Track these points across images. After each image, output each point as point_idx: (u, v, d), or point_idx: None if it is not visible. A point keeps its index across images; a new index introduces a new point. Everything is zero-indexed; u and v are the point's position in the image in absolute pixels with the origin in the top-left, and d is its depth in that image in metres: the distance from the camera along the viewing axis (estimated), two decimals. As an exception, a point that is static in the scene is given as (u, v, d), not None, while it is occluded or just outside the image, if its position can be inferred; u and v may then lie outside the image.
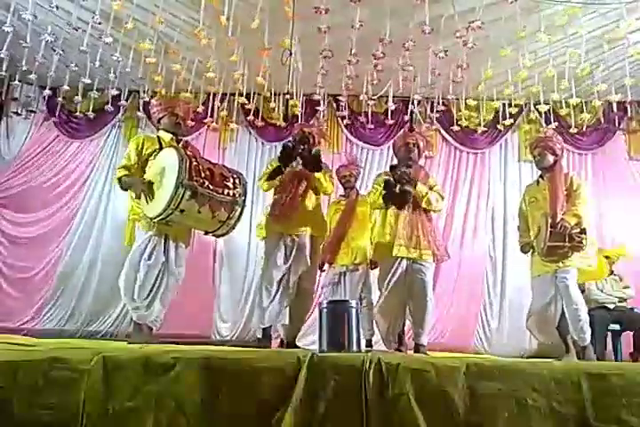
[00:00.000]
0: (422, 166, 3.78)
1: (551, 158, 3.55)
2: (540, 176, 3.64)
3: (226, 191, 3.00)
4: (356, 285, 4.20)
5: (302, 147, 3.45)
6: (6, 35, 4.32)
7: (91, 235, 5.91)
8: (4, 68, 4.68)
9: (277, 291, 3.38)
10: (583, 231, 3.29)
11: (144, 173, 3.20)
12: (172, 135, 3.39)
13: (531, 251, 3.57)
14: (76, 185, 6.09)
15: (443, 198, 3.57)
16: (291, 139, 3.70)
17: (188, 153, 3.00)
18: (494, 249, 5.89)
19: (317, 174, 3.43)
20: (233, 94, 5.63)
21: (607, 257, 4.78)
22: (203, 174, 2.91)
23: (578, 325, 3.27)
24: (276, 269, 3.37)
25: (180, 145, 3.32)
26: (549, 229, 3.24)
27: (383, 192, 3.39)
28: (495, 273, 5.81)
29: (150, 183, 3.06)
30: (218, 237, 3.29)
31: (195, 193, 2.84)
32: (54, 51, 4.69)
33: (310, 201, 3.52)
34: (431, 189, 3.50)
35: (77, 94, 5.38)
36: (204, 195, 2.89)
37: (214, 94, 5.60)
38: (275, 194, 3.57)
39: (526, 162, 6.07)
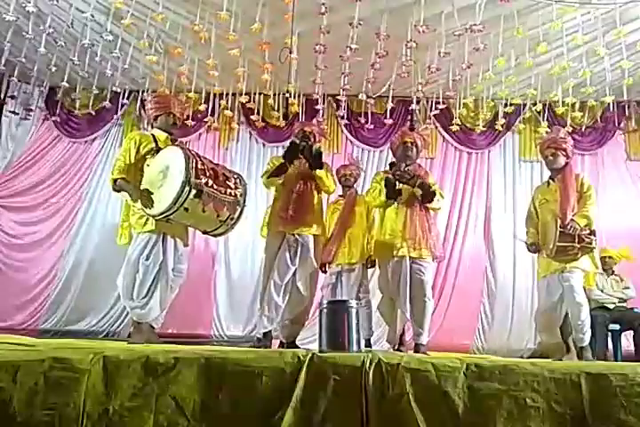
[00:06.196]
0: (421, 165, 3.77)
1: (563, 160, 3.51)
2: (551, 177, 3.60)
3: (228, 191, 3.01)
4: (352, 285, 4.19)
5: (304, 144, 3.44)
6: (7, 29, 4.30)
7: (91, 235, 5.91)
8: (1, 65, 4.66)
9: (285, 291, 3.39)
10: (593, 233, 3.27)
11: (141, 171, 3.19)
12: (167, 134, 3.37)
13: (538, 252, 3.55)
14: (76, 184, 6.08)
15: (442, 197, 3.57)
16: (293, 137, 3.70)
17: (193, 153, 3.01)
18: (493, 249, 5.88)
19: (319, 173, 3.43)
20: (234, 94, 5.63)
21: (610, 257, 4.77)
22: (207, 174, 2.92)
23: (578, 325, 3.28)
24: (285, 270, 3.36)
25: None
26: (559, 229, 3.22)
27: (384, 190, 3.37)
28: (495, 273, 5.81)
29: (146, 190, 3.04)
30: (216, 236, 3.29)
31: (200, 192, 2.85)
32: (56, 42, 4.65)
33: (316, 200, 3.52)
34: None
35: (77, 92, 5.38)
36: (209, 194, 2.91)
37: (215, 94, 5.59)
38: (277, 192, 3.56)
39: (526, 162, 6.09)
